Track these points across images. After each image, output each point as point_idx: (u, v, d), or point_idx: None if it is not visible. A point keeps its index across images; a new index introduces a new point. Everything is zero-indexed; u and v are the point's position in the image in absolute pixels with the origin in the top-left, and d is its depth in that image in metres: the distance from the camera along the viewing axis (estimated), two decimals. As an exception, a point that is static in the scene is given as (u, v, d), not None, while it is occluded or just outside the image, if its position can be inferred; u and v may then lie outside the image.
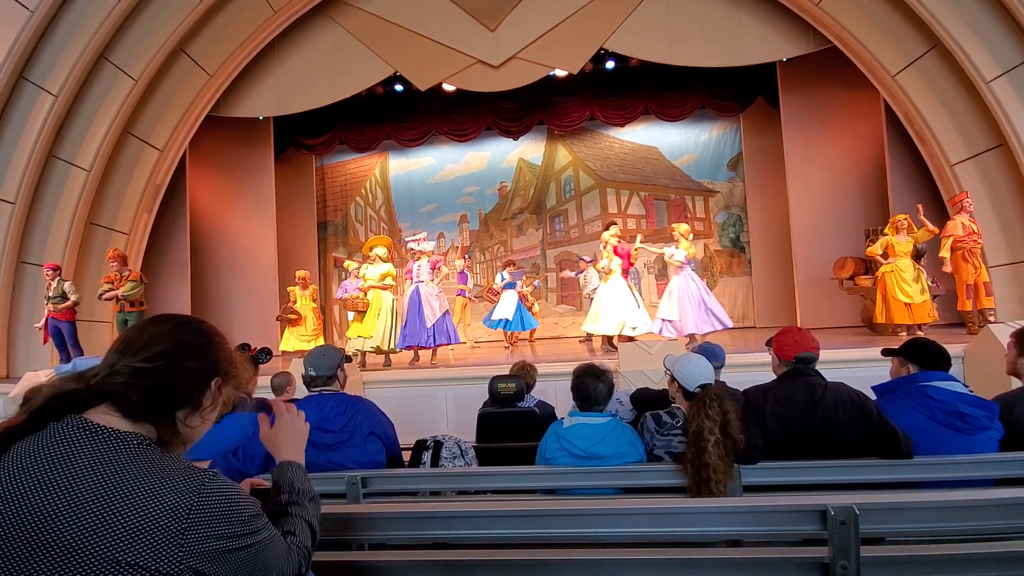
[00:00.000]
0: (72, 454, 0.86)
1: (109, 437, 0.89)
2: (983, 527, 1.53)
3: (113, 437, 0.89)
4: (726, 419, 2.06)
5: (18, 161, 7.06)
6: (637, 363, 4.99)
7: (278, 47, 8.55)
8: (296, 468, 1.14)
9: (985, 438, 2.20)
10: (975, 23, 6.33)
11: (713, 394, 2.13)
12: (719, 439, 2.02)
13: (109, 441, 0.88)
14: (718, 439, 2.02)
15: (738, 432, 2.07)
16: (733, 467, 2.04)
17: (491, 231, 11.39)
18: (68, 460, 0.85)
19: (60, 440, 0.87)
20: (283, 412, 1.19)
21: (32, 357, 7.37)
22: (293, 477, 1.12)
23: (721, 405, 2.09)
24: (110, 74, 7.41)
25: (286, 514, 1.07)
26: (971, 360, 5.01)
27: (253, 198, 10.05)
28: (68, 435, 0.88)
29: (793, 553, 1.46)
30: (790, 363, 2.32)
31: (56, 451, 0.86)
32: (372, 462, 2.34)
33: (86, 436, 0.88)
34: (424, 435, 2.60)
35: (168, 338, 0.98)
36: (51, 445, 0.87)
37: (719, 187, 10.57)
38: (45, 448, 0.87)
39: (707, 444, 2.01)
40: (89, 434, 0.88)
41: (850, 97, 8.46)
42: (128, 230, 8.09)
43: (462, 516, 1.61)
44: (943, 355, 2.37)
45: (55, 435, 0.88)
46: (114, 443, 0.88)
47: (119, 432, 0.90)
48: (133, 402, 0.92)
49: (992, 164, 6.67)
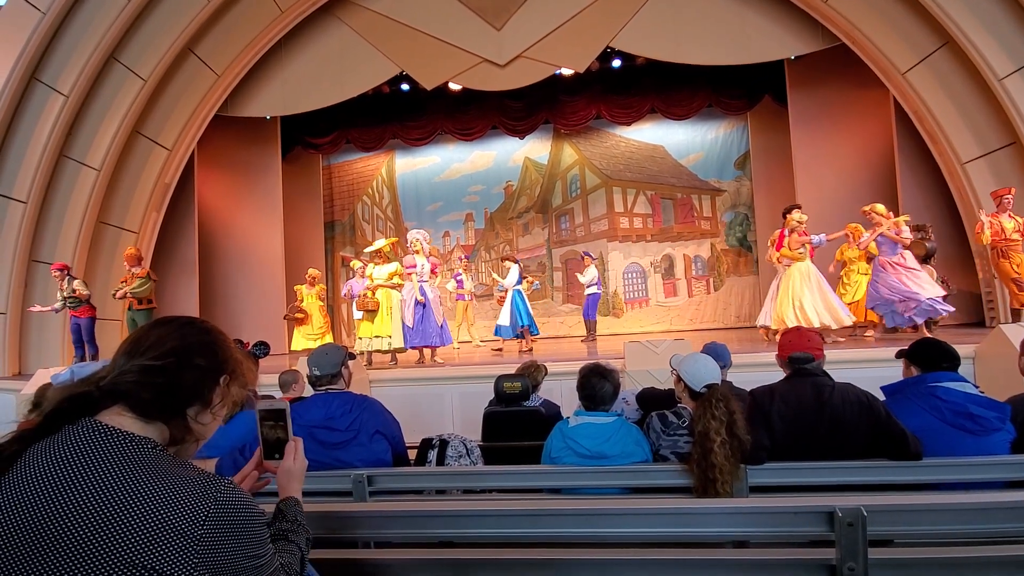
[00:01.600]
0: (87, 457, 0.87)
1: (123, 440, 0.90)
2: (993, 530, 1.51)
3: (127, 440, 0.90)
4: (732, 419, 2.05)
5: (30, 161, 7.14)
6: (643, 362, 4.97)
7: (285, 47, 8.59)
8: (299, 503, 1.20)
9: (996, 440, 2.17)
10: (988, 19, 6.25)
11: (719, 394, 2.12)
12: (725, 439, 2.01)
13: (124, 444, 0.89)
14: (724, 439, 2.01)
15: (744, 432, 2.06)
16: (739, 468, 2.04)
17: (497, 230, 11.40)
18: (83, 463, 0.86)
19: (75, 443, 0.88)
20: (300, 451, 1.24)
21: (44, 355, 7.45)
22: (298, 512, 1.18)
23: (727, 405, 2.08)
24: (120, 74, 7.47)
25: (285, 540, 1.11)
26: (982, 361, 4.95)
27: (261, 197, 10.10)
28: (83, 438, 0.89)
29: (800, 555, 1.45)
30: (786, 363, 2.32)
31: (71, 454, 0.87)
32: (378, 461, 2.35)
33: (100, 439, 0.89)
34: (430, 434, 2.61)
35: (175, 337, 0.99)
36: (66, 448, 0.88)
37: (726, 186, 10.52)
38: (60, 451, 0.88)
39: (713, 444, 2.00)
40: (103, 437, 0.89)
41: (859, 95, 8.38)
42: (137, 229, 8.16)
43: (467, 515, 1.61)
44: (947, 355, 2.34)
45: (70, 438, 0.89)
46: (129, 446, 0.89)
47: (133, 436, 0.91)
48: (145, 400, 0.94)
49: (1004, 162, 6.59)
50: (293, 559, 1.07)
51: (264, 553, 0.94)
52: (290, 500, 1.19)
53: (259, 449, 1.24)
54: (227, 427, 2.50)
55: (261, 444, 1.24)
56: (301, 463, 1.23)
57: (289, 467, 1.22)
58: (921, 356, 2.39)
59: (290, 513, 1.16)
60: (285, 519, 1.15)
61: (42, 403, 0.96)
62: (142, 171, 8.07)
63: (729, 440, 2.01)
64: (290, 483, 1.21)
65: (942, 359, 2.34)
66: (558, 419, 2.57)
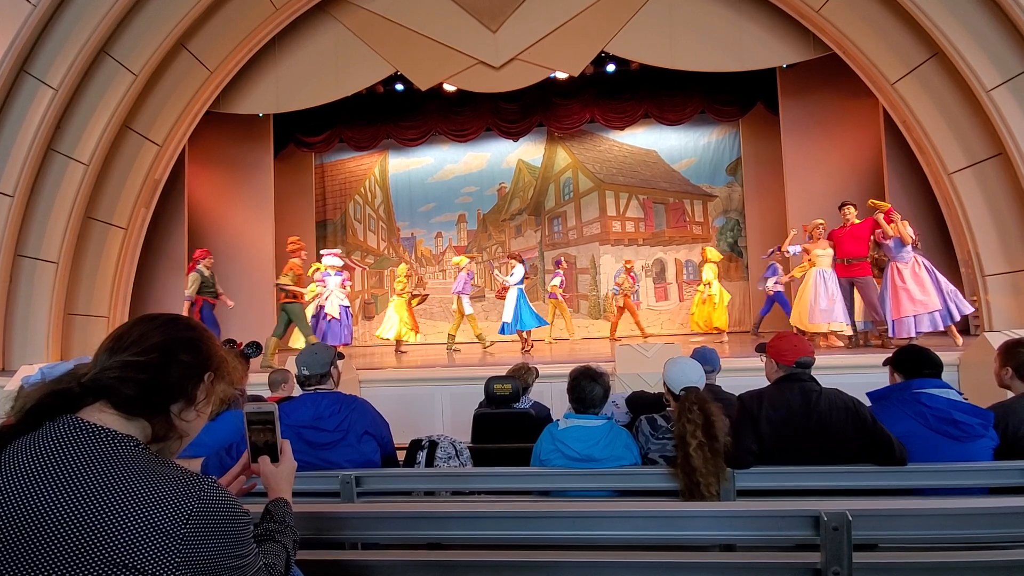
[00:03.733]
0: (69, 454, 0.85)
1: (105, 437, 0.88)
2: (976, 535, 1.53)
3: (109, 437, 0.88)
4: (708, 421, 2.05)
5: (17, 154, 7.04)
6: (633, 366, 4.99)
7: (279, 44, 8.54)
8: (288, 504, 1.19)
9: (979, 446, 2.20)
10: (976, 31, 6.35)
11: (693, 397, 2.12)
12: (703, 442, 2.01)
13: (105, 442, 0.88)
14: (701, 442, 2.01)
15: (724, 434, 2.05)
16: (723, 470, 2.04)
17: (489, 231, 11.40)
18: (65, 461, 0.85)
19: (56, 440, 0.87)
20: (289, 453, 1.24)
21: (28, 351, 7.34)
22: (287, 513, 1.17)
23: (703, 408, 2.07)
24: (110, 68, 7.39)
25: (271, 540, 1.10)
26: (966, 368, 5.02)
27: (252, 195, 10.03)
28: (64, 435, 0.87)
29: (786, 558, 1.46)
30: (789, 368, 2.31)
31: (53, 451, 0.85)
32: (366, 461, 2.33)
33: (82, 436, 0.87)
34: (419, 435, 2.60)
35: (159, 333, 0.98)
36: (47, 445, 0.86)
37: (718, 191, 10.59)
38: (41, 448, 0.86)
39: (689, 448, 2.01)
40: (85, 434, 0.88)
41: (849, 104, 8.48)
42: (126, 225, 8.07)
43: (456, 517, 1.60)
44: (929, 362, 2.37)
45: (51, 435, 0.87)
46: (111, 444, 0.88)
47: (115, 433, 0.89)
48: (127, 396, 0.92)
49: (991, 173, 6.69)
50: (278, 560, 1.06)
51: (247, 553, 0.92)
52: (279, 501, 1.18)
53: (246, 452, 1.23)
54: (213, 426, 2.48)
55: (248, 447, 1.22)
56: (290, 465, 1.22)
57: (278, 469, 1.21)
58: (903, 363, 2.42)
59: (278, 514, 1.15)
60: (273, 519, 1.14)
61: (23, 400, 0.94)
62: (132, 166, 7.98)
63: (707, 442, 2.01)
64: (279, 484, 1.20)
65: (923, 366, 2.36)
66: (548, 421, 2.57)
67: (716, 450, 2.02)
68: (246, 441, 1.22)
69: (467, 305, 8.22)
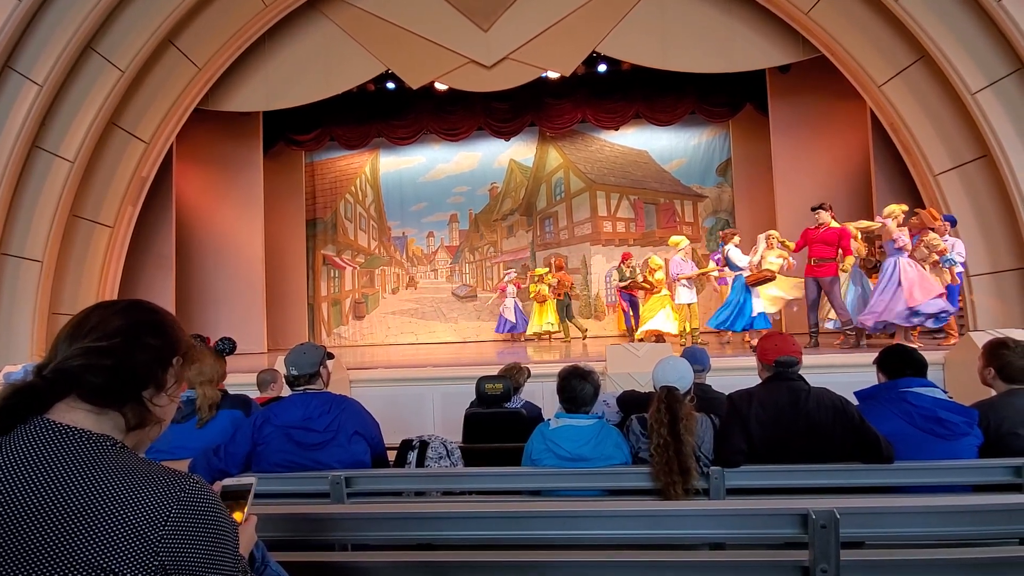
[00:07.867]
0: (43, 459, 0.82)
1: (80, 439, 0.85)
2: (962, 533, 1.55)
3: (84, 439, 0.85)
4: (674, 419, 2.04)
5: (0, 151, 6.93)
6: (624, 366, 5.01)
7: (269, 41, 8.47)
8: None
9: (964, 444, 2.23)
10: (962, 35, 6.44)
11: (663, 395, 2.12)
12: (667, 441, 2.01)
13: (80, 443, 0.85)
14: (666, 441, 2.01)
15: (691, 433, 2.04)
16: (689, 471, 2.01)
17: (481, 231, 11.39)
18: (39, 466, 0.82)
19: (28, 444, 0.83)
20: (250, 530, 1.10)
21: (12, 350, 7.22)
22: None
23: (671, 407, 2.07)
24: (97, 64, 7.29)
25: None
26: (951, 367, 5.08)
27: (241, 193, 9.94)
28: (36, 438, 0.84)
29: (774, 556, 1.48)
30: (772, 367, 2.34)
31: (26, 457, 0.82)
32: (357, 462, 2.32)
33: (55, 439, 0.84)
34: (410, 435, 2.59)
35: (120, 317, 0.93)
36: (19, 450, 0.83)
37: (708, 192, 10.65)
38: (13, 454, 0.83)
39: (651, 446, 2.02)
40: (58, 436, 0.84)
41: (837, 106, 8.57)
42: (112, 223, 7.97)
43: (447, 517, 1.60)
44: (912, 362, 2.40)
45: (22, 440, 0.84)
46: (85, 445, 0.85)
47: (90, 434, 0.86)
48: (96, 385, 0.88)
49: (975, 175, 6.78)
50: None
51: (233, 561, 0.89)
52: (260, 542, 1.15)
53: None
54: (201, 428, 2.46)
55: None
56: (250, 537, 1.10)
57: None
58: (886, 363, 2.45)
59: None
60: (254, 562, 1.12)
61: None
62: (118, 164, 7.87)
63: (671, 442, 2.00)
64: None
65: (906, 366, 2.39)
66: (539, 421, 2.57)
67: (680, 450, 2.00)
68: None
69: (685, 293, 7.70)
